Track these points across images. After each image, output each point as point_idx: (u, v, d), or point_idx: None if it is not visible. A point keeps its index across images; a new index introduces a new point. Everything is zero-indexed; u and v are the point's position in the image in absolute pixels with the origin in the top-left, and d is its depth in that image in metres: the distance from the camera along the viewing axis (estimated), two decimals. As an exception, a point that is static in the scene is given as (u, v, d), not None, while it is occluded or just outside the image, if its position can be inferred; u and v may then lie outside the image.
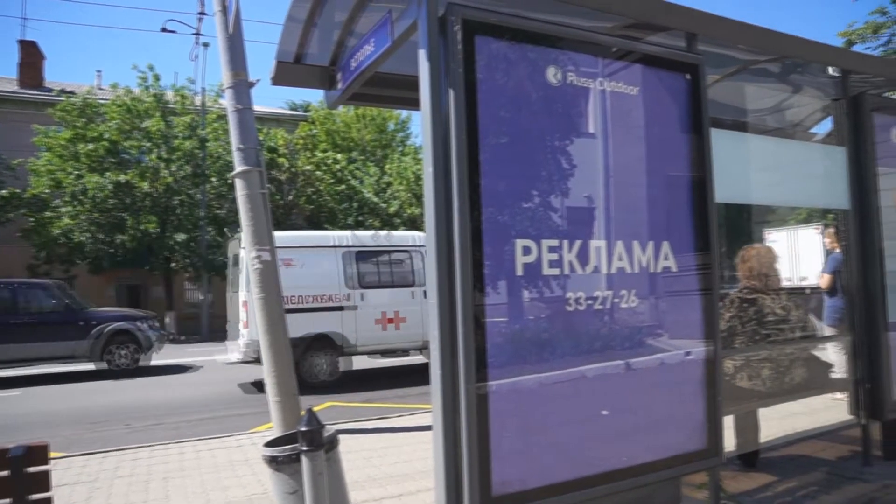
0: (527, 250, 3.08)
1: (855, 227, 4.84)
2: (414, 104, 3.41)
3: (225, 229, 23.40)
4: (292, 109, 36.79)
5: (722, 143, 4.03)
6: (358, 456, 5.82)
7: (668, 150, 3.69)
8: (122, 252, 23.32)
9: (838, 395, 5.02)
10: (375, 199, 27.25)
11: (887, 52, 14.72)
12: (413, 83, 3.14)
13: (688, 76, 3.74)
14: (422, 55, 2.98)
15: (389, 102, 5.14)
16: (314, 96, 43.80)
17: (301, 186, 25.53)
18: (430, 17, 2.96)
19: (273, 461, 3.51)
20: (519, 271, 3.05)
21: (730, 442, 4.47)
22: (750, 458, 4.89)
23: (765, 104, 5.99)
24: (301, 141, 25.24)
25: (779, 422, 5.47)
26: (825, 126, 5.38)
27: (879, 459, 4.98)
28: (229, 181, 20.86)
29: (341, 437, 3.77)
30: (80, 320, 12.96)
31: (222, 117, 21.74)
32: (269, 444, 3.65)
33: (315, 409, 3.38)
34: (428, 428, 3.08)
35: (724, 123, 4.61)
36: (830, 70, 4.92)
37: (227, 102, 4.43)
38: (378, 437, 6.59)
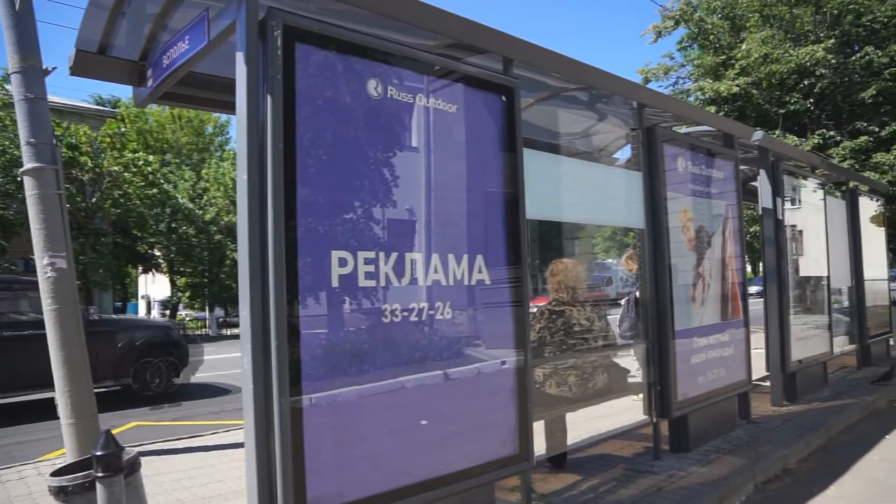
0: (343, 262, 3.05)
1: (649, 245, 5.35)
2: (231, 108, 3.27)
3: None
4: (98, 104, 33.79)
5: (536, 163, 4.28)
6: (167, 479, 5.43)
7: (484, 167, 3.85)
8: None
9: (634, 397, 5.48)
10: (190, 205, 25.84)
11: (675, 92, 16.52)
12: (231, 86, 3.02)
13: (504, 98, 3.93)
14: (239, 58, 2.88)
15: (205, 104, 4.90)
16: (125, 92, 40.64)
17: (107, 189, 23.47)
18: (249, 20, 2.87)
19: (61, 492, 3.14)
20: (335, 283, 3.02)
21: (540, 446, 4.73)
22: (559, 460, 5.18)
23: (575, 129, 6.46)
24: (108, 139, 23.24)
25: (584, 424, 5.88)
26: (626, 152, 5.88)
27: (668, 453, 5.51)
28: (18, 178, 18.64)
29: (149, 458, 3.50)
30: None
31: (8, 105, 19.39)
32: (58, 473, 3.28)
33: (117, 430, 3.10)
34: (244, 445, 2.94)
35: (538, 145, 4.90)
36: (635, 103, 5.41)
37: (13, 89, 3.98)
38: (190, 457, 6.19)
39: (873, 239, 11.29)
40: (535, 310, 4.81)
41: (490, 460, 3.71)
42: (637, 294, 5.79)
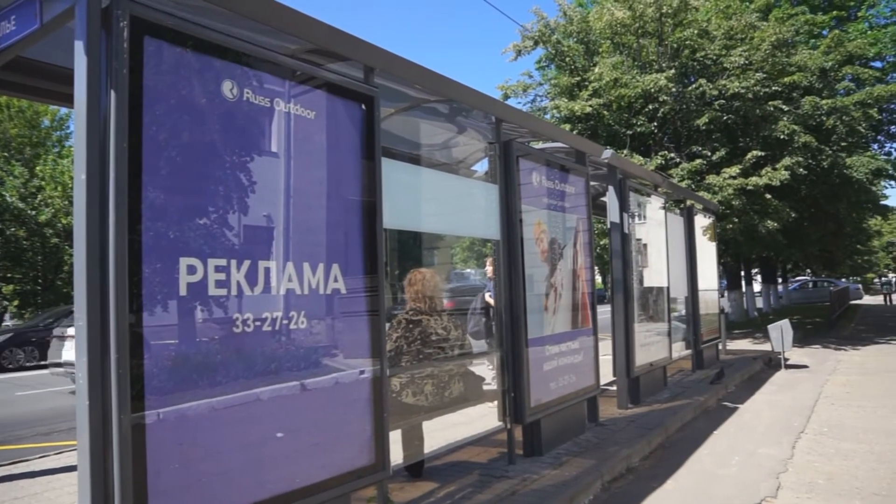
0: (192, 269, 2.91)
1: (504, 255, 5.52)
2: (69, 100, 3.02)
3: None
4: None
5: (395, 172, 4.30)
6: (-18, 512, 4.90)
7: (342, 175, 3.81)
8: None
9: (489, 404, 5.62)
10: (21, 205, 23.59)
11: (533, 109, 17.22)
12: (70, 76, 2.78)
13: (364, 106, 3.92)
14: (79, 48, 2.67)
15: (38, 95, 4.52)
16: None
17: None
18: (90, 7, 2.66)
19: None
20: (183, 291, 2.87)
21: (398, 455, 4.73)
22: (416, 469, 5.20)
23: (435, 140, 6.56)
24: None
25: (441, 432, 5.94)
26: (485, 165, 6.04)
27: (522, 457, 5.70)
28: None
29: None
30: None
31: None
32: None
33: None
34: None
35: (398, 155, 4.93)
36: (493, 118, 5.57)
37: None
38: (11, 486, 5.58)
39: (706, 253, 12.32)
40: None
41: (347, 471, 3.66)
42: (487, 295, 5.95)
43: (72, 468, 5.82)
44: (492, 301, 7.14)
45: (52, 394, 12.02)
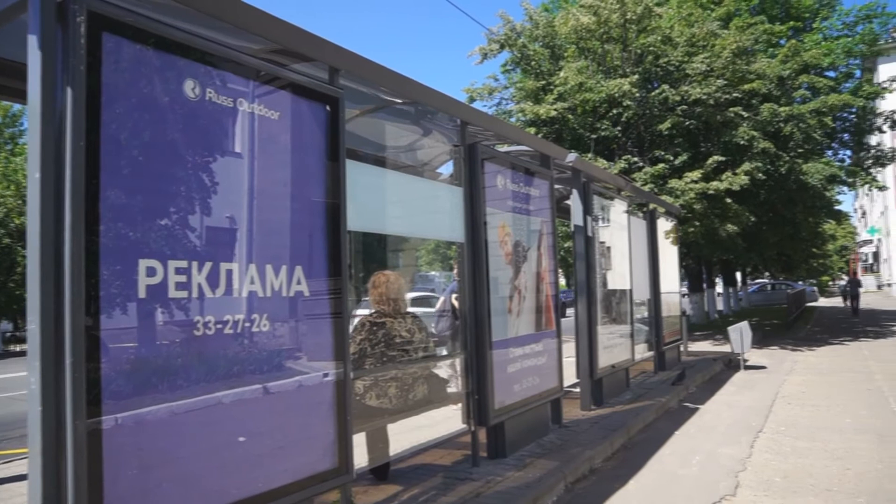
0: (151, 271, 2.85)
1: (468, 258, 5.53)
2: (21, 96, 2.94)
3: None
4: None
5: (360, 174, 4.28)
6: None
7: (306, 176, 3.78)
8: None
9: (453, 406, 5.62)
10: (-29, 205, 22.97)
11: (498, 112, 17.32)
12: (22, 71, 2.70)
13: (328, 107, 3.90)
14: (32, 43, 2.58)
15: (-12, 90, 4.38)
16: None
17: None
18: (45, 0, 2.58)
19: None
20: (142, 294, 2.81)
21: (362, 458, 4.71)
22: (381, 472, 5.18)
23: (400, 142, 6.55)
24: None
25: (406, 435, 5.93)
26: (450, 167, 6.05)
27: (486, 459, 5.71)
28: None
29: None
30: None
31: None
32: None
33: None
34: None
35: (362, 156, 4.91)
36: (458, 120, 5.59)
37: None
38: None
39: (668, 256, 12.52)
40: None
41: (310, 475, 3.63)
42: (453, 297, 5.95)
43: (22, 477, 5.66)
44: (457, 303, 7.15)
45: (8, 399, 11.71)
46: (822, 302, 44.68)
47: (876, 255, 60.35)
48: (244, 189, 3.41)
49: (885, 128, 20.05)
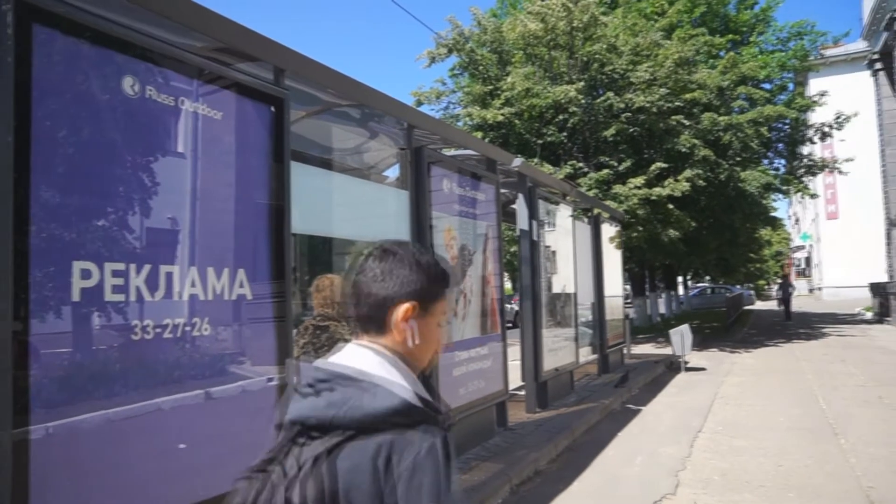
0: (86, 273, 2.75)
1: (416, 261, 5.51)
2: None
3: None
4: None
5: (305, 177, 4.24)
6: None
7: (250, 178, 3.72)
8: None
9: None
10: None
11: (446, 116, 17.38)
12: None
13: (273, 108, 3.84)
14: (-45, 34, 2.47)
15: None
16: None
17: None
18: (-33, -10, 2.46)
19: None
20: (76, 297, 2.71)
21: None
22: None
23: (347, 145, 6.50)
24: None
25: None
26: (396, 171, 6.04)
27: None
28: None
29: None
30: None
31: None
32: None
33: None
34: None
35: (308, 158, 4.85)
36: (405, 123, 5.58)
37: None
38: None
39: (612, 260, 12.76)
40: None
41: (252, 482, 3.55)
42: None
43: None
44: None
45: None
46: (759, 305, 46.21)
47: (808, 260, 62.84)
48: (186, 190, 3.34)
49: (815, 139, 20.95)
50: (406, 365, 1.26)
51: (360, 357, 1.24)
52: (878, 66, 26.14)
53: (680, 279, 36.28)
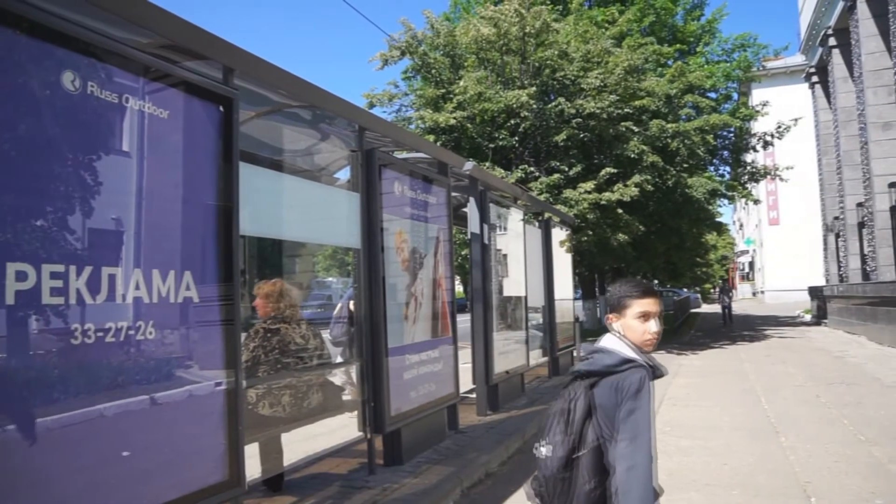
0: (22, 276, 2.63)
1: (364, 264, 5.50)
2: None
3: None
4: None
5: (255, 178, 4.17)
6: None
7: (198, 178, 3.64)
8: None
9: (349, 414, 5.57)
10: None
11: (398, 119, 17.34)
12: None
13: (221, 108, 3.78)
14: None
15: None
16: None
17: None
18: None
19: None
20: (10, 300, 2.59)
21: (256, 469, 4.57)
22: (275, 483, 5.04)
23: (297, 146, 6.44)
24: None
25: (301, 444, 5.82)
26: (348, 173, 6.00)
27: (382, 467, 5.68)
28: None
29: None
30: None
31: None
32: None
33: None
34: None
35: (258, 160, 4.79)
36: (356, 126, 5.54)
37: None
38: None
39: (562, 264, 12.91)
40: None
41: (199, 488, 3.48)
42: (350, 303, 5.90)
43: None
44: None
45: None
46: (705, 308, 47.39)
47: (752, 265, 64.80)
48: (131, 190, 3.25)
49: (758, 147, 21.67)
50: (630, 342, 2.28)
51: (606, 339, 2.35)
52: (815, 79, 27.21)
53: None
